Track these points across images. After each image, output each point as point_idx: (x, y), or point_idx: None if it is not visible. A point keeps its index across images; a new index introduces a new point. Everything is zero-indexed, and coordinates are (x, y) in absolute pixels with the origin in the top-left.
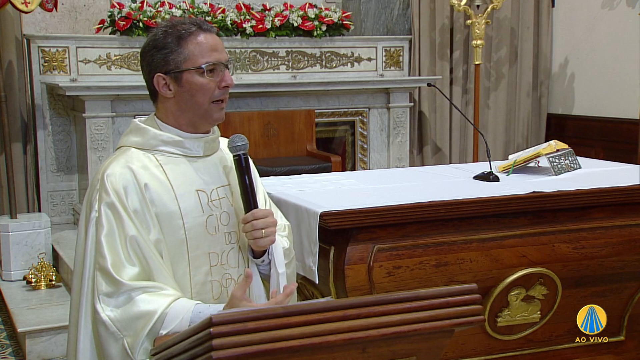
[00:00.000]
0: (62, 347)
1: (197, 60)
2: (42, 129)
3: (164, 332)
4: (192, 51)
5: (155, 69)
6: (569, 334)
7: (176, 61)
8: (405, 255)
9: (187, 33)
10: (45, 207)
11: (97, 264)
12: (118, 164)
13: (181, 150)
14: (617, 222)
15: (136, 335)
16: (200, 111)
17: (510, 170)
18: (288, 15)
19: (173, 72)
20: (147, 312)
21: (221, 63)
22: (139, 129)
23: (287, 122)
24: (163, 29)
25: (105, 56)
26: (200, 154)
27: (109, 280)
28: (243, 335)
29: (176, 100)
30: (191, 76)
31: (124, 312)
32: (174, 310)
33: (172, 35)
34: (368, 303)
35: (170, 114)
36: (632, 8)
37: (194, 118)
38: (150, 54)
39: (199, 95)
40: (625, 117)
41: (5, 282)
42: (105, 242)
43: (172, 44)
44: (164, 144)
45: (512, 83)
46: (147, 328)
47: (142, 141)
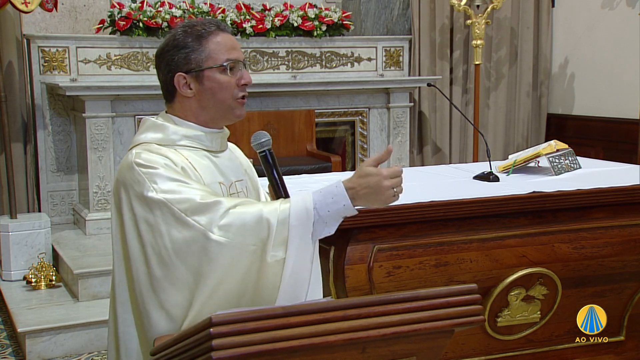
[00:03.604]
0: (62, 347)
1: (218, 59)
2: (42, 129)
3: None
4: (213, 50)
5: (175, 68)
6: (569, 334)
7: (197, 60)
8: (405, 255)
9: (207, 32)
10: (45, 207)
11: (186, 212)
12: (146, 153)
13: (202, 144)
14: (617, 222)
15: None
16: (223, 108)
17: (510, 170)
18: (288, 15)
19: (194, 70)
20: (260, 212)
21: (240, 61)
22: (156, 125)
23: (287, 122)
24: (182, 29)
25: (105, 56)
26: (217, 149)
27: (205, 209)
28: (243, 336)
29: (197, 99)
30: (213, 74)
31: (235, 221)
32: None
33: (192, 34)
34: (368, 303)
35: (189, 111)
36: (632, 8)
37: (216, 115)
38: (170, 53)
39: (220, 92)
40: (625, 117)
41: (5, 282)
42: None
43: (193, 44)
44: (185, 139)
45: (512, 83)
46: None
47: (163, 137)
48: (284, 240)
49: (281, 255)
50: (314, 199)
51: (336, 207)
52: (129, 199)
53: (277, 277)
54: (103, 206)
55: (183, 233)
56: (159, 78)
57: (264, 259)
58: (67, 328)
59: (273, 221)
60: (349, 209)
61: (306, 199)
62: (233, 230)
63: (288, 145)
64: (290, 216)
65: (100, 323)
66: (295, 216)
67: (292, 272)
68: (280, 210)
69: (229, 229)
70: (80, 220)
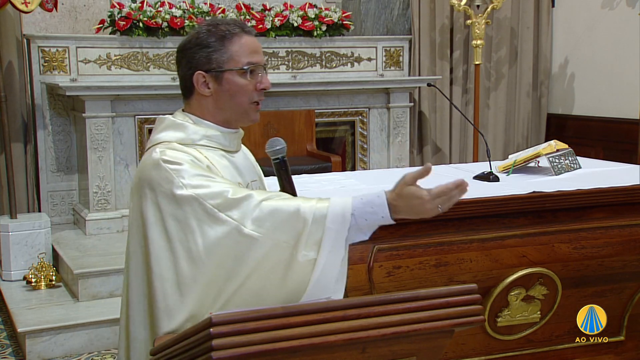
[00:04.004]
0: (62, 347)
1: (239, 61)
2: (42, 129)
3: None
4: (235, 52)
5: (196, 66)
6: (569, 334)
7: (219, 60)
8: (405, 255)
9: (230, 34)
10: (45, 207)
11: (219, 207)
12: (171, 151)
13: (220, 144)
14: (617, 222)
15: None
16: (238, 111)
17: (510, 170)
18: (288, 15)
19: (214, 70)
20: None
21: (261, 65)
22: (176, 124)
23: (287, 122)
24: (206, 27)
25: (105, 56)
26: (234, 149)
27: (237, 203)
28: (243, 336)
29: (214, 99)
30: (232, 76)
31: (266, 216)
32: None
33: (216, 34)
34: (368, 303)
35: (206, 110)
36: (632, 8)
37: (231, 117)
38: (192, 51)
39: (238, 95)
40: (625, 117)
41: (5, 282)
42: (211, 190)
43: (216, 44)
44: (205, 138)
45: (512, 83)
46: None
47: (184, 136)
48: (318, 241)
49: (313, 256)
50: (353, 204)
51: (374, 217)
52: (154, 197)
53: (306, 277)
54: (103, 206)
55: (215, 229)
56: (178, 73)
57: (295, 257)
58: (67, 328)
59: (309, 218)
60: (387, 220)
61: (345, 203)
62: (267, 224)
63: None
64: (327, 216)
65: (100, 323)
66: (331, 218)
67: (321, 274)
68: (316, 208)
69: (263, 223)
70: (80, 220)
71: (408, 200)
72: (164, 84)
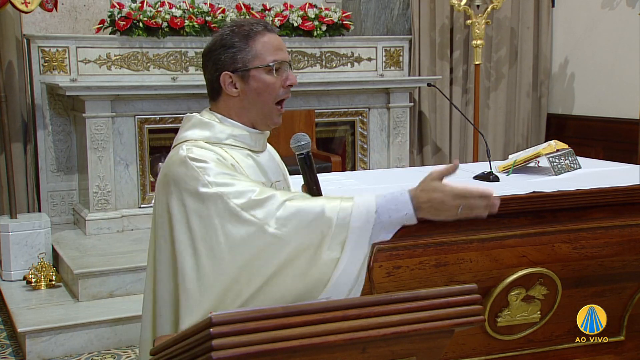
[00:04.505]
0: (62, 347)
1: (265, 59)
2: (42, 129)
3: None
4: (260, 50)
5: (222, 67)
6: (569, 334)
7: (244, 60)
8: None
9: (254, 32)
10: (45, 207)
11: (243, 207)
12: (197, 149)
13: (246, 144)
14: (617, 222)
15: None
16: (263, 111)
17: (510, 170)
18: (288, 15)
19: (241, 70)
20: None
21: (286, 62)
22: (203, 123)
23: (287, 122)
24: (229, 28)
25: (105, 56)
26: (260, 149)
27: (261, 203)
28: (243, 336)
29: (240, 99)
30: (259, 74)
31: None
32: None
33: (239, 34)
34: (368, 303)
35: (233, 111)
36: (632, 8)
37: (256, 118)
38: (217, 52)
39: (265, 93)
40: (625, 117)
41: (5, 282)
42: (236, 188)
43: (240, 43)
44: (231, 137)
45: (512, 83)
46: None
47: (211, 135)
48: (342, 240)
49: (336, 255)
50: (377, 202)
51: (398, 215)
52: (179, 193)
53: (327, 276)
54: (103, 206)
55: (239, 228)
56: (204, 77)
57: (318, 256)
58: (67, 328)
59: (333, 218)
60: (410, 218)
61: (369, 201)
62: (291, 224)
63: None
64: (351, 215)
65: (100, 323)
66: (356, 217)
67: (342, 272)
68: (341, 208)
69: (287, 223)
70: (80, 220)
71: (429, 194)
72: (164, 84)
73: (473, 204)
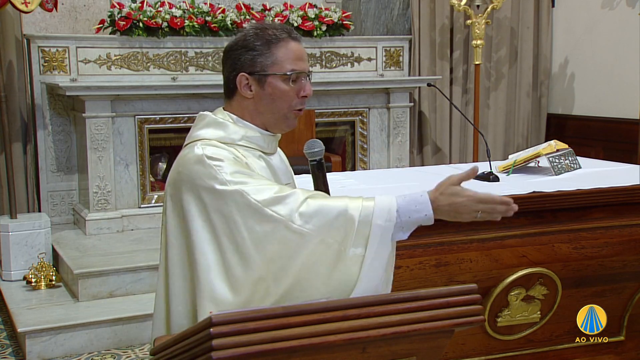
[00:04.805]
0: (62, 347)
1: (283, 67)
2: (42, 129)
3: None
4: (280, 57)
5: (240, 67)
6: (569, 334)
7: (263, 64)
8: (405, 255)
9: (277, 39)
10: (45, 207)
11: (264, 203)
12: (212, 148)
13: (259, 146)
14: (617, 222)
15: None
16: (277, 116)
17: (510, 170)
18: (288, 15)
19: (258, 74)
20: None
21: (305, 73)
22: (217, 122)
23: None
24: (254, 30)
25: (105, 56)
26: (271, 151)
27: (283, 199)
28: (243, 336)
29: (254, 102)
30: (275, 81)
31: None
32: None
33: (263, 38)
34: (368, 303)
35: (246, 112)
36: (632, 8)
37: (269, 121)
38: (238, 52)
39: (279, 101)
40: (625, 117)
41: (5, 282)
42: (255, 185)
43: (262, 47)
44: (245, 139)
45: (512, 83)
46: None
47: (224, 135)
48: (366, 238)
49: (361, 252)
50: (398, 202)
51: (417, 216)
52: (196, 191)
53: (354, 274)
54: (103, 206)
55: (262, 225)
56: (222, 74)
57: (343, 254)
58: (67, 328)
59: (356, 216)
60: (429, 219)
61: (391, 201)
62: (314, 220)
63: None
64: (373, 214)
65: (100, 323)
66: (378, 215)
67: (369, 270)
68: (363, 207)
69: (310, 219)
70: (80, 220)
71: (450, 198)
72: (164, 84)
73: (494, 209)
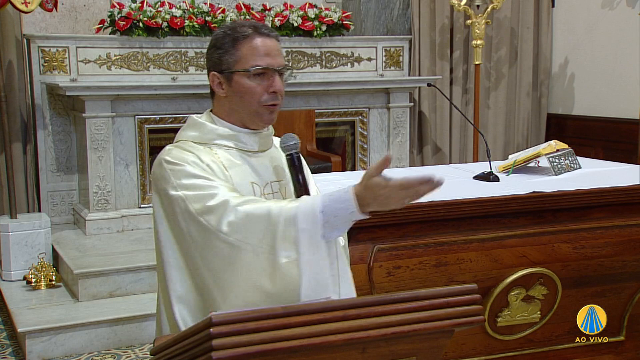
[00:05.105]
0: (62, 347)
1: (246, 63)
2: (42, 129)
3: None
4: (244, 54)
5: (212, 67)
6: (569, 334)
7: (228, 62)
8: (405, 255)
9: (242, 36)
10: (45, 207)
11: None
12: (177, 151)
13: (237, 144)
14: (617, 222)
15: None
16: (248, 112)
17: (510, 170)
18: (288, 15)
19: (225, 72)
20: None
21: (271, 68)
22: (196, 123)
23: (287, 122)
24: (224, 29)
25: (105, 56)
26: (255, 149)
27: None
28: (243, 336)
29: (228, 100)
30: (240, 78)
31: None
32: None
33: (230, 36)
34: (368, 303)
35: (224, 111)
36: (632, 8)
37: (244, 118)
38: (210, 52)
39: (247, 97)
40: (625, 117)
41: (5, 282)
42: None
43: (227, 45)
44: (220, 137)
45: (512, 83)
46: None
47: (199, 135)
48: (294, 242)
49: (294, 256)
50: (322, 202)
51: (343, 213)
52: (157, 193)
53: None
54: (103, 206)
55: (200, 234)
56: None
57: (276, 259)
58: (67, 328)
59: (280, 220)
60: (356, 215)
61: (315, 201)
62: (242, 230)
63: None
64: (297, 216)
65: (100, 323)
66: (302, 219)
67: (309, 272)
68: (287, 209)
69: (238, 229)
70: (80, 220)
71: (374, 191)
72: (164, 84)
73: (418, 191)
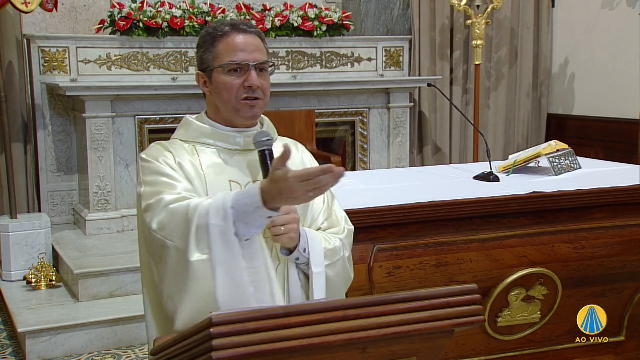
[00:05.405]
0: (62, 347)
1: (222, 59)
2: (42, 129)
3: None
4: (220, 50)
5: (197, 66)
6: (569, 334)
7: (207, 60)
8: (405, 255)
9: (220, 33)
10: (45, 207)
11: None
12: (155, 148)
13: (219, 142)
14: (617, 222)
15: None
16: (228, 108)
17: (510, 170)
18: (288, 15)
19: (207, 70)
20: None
21: (246, 63)
22: (185, 122)
23: (287, 122)
24: (206, 29)
25: (105, 56)
26: (239, 147)
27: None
28: (243, 336)
29: (213, 97)
30: (217, 75)
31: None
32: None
33: (210, 35)
34: (368, 303)
35: (212, 109)
36: (632, 8)
37: (226, 115)
38: (195, 51)
39: (224, 93)
40: (625, 117)
41: (5, 282)
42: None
43: (207, 44)
44: (202, 136)
45: (512, 83)
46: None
47: (185, 133)
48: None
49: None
50: (233, 197)
51: (251, 209)
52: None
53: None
54: (103, 206)
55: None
56: None
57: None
58: (67, 328)
59: (194, 217)
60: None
61: (225, 198)
62: (165, 226)
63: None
64: (209, 213)
65: (100, 323)
66: (213, 214)
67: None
68: (202, 206)
69: (163, 226)
70: (80, 220)
71: (278, 184)
72: (164, 84)
73: (319, 181)
